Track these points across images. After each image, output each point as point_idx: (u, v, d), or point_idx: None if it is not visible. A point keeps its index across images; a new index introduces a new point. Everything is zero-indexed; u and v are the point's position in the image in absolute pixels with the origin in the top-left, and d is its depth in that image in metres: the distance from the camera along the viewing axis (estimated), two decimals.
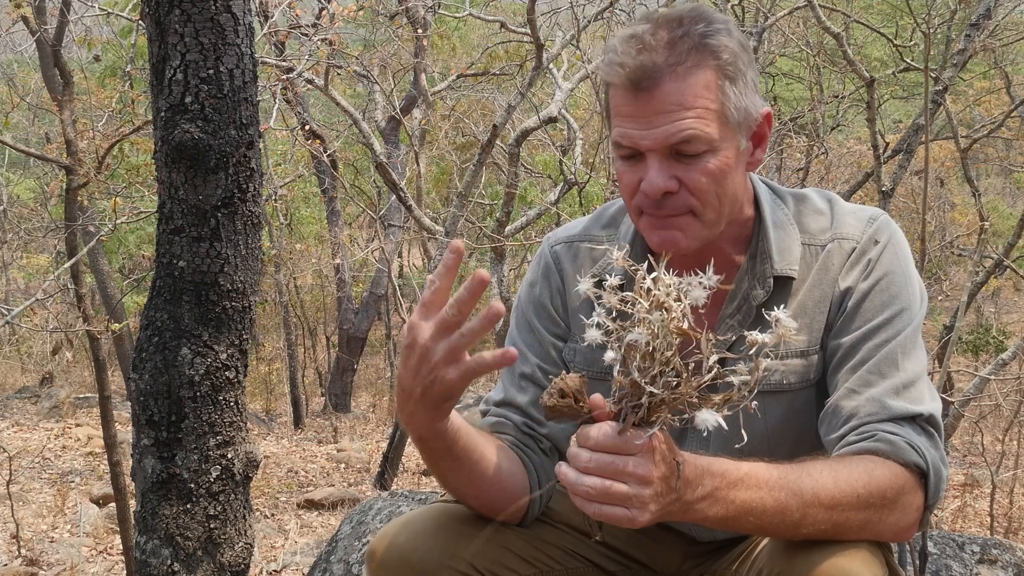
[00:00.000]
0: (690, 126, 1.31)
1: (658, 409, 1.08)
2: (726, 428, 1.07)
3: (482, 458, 1.37)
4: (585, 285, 1.16)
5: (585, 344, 1.11)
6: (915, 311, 1.38)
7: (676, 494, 1.12)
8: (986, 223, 4.28)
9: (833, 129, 11.96)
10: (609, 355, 1.11)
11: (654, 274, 1.09)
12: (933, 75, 5.15)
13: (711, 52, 1.32)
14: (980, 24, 5.59)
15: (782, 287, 1.43)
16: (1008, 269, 7.19)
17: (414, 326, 1.20)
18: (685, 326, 1.06)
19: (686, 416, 1.08)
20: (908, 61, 7.28)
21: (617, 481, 1.09)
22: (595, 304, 1.13)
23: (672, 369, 1.06)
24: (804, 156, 10.84)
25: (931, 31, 5.37)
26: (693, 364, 1.07)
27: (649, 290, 1.08)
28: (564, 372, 1.13)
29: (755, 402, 1.09)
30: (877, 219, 1.44)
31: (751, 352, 1.09)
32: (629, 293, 1.10)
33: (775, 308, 1.12)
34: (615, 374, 1.10)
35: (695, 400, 1.07)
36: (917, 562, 2.64)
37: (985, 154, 15.15)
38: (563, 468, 1.14)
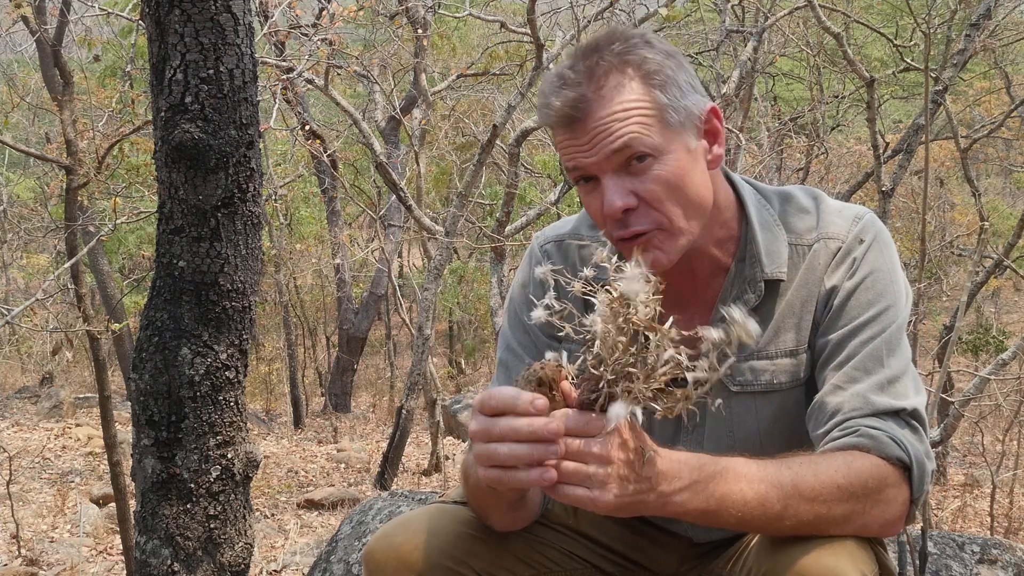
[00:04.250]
0: (627, 131, 1.31)
1: (618, 396, 1.09)
2: (640, 419, 1.10)
3: (522, 501, 1.39)
4: (541, 270, 1.19)
5: (571, 339, 1.12)
6: (900, 308, 1.39)
7: (649, 484, 1.14)
8: (986, 223, 4.28)
9: (833, 129, 11.96)
10: (550, 355, 1.13)
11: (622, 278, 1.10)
12: (933, 75, 5.15)
13: (632, 66, 1.34)
14: (980, 24, 5.60)
15: (771, 289, 1.44)
16: (1008, 269, 7.20)
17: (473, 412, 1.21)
18: (641, 318, 1.07)
19: (649, 405, 1.09)
20: (908, 61, 7.29)
21: (577, 461, 1.11)
22: (549, 287, 1.16)
23: (628, 359, 1.07)
24: (804, 156, 10.84)
25: (931, 31, 5.36)
26: (653, 357, 1.08)
27: (609, 283, 1.09)
28: (542, 360, 1.14)
29: (719, 400, 1.10)
30: (863, 218, 1.44)
31: (704, 349, 1.09)
32: (598, 293, 1.11)
33: (733, 305, 1.12)
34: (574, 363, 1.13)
35: (650, 393, 1.08)
36: (917, 562, 2.64)
37: (985, 154, 15.16)
38: None
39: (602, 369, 1.08)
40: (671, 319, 1.09)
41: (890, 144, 6.46)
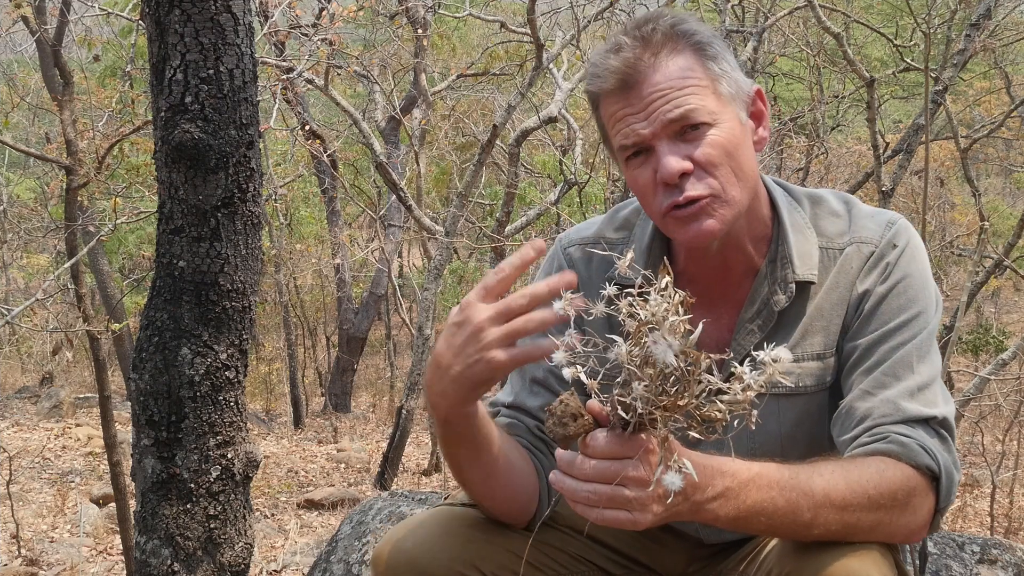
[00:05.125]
0: (685, 101, 1.32)
1: (652, 419, 1.07)
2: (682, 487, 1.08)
3: (500, 451, 1.36)
4: (560, 305, 1.14)
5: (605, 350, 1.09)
6: (931, 315, 1.38)
7: (683, 495, 1.12)
8: (986, 223, 4.28)
9: (833, 129, 11.96)
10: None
11: (660, 292, 1.07)
12: (933, 75, 5.15)
13: (684, 36, 1.36)
14: (980, 24, 5.60)
15: (800, 291, 1.42)
16: (1008, 269, 7.19)
17: (470, 305, 1.20)
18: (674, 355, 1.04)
19: (683, 427, 1.07)
20: (908, 61, 7.29)
21: (617, 485, 1.09)
22: (571, 324, 1.12)
23: (658, 387, 1.05)
24: (804, 156, 10.84)
25: (931, 31, 5.37)
26: (682, 382, 1.05)
27: (633, 305, 1.06)
28: (559, 399, 1.12)
29: (755, 413, 1.07)
30: (896, 223, 1.43)
31: (734, 383, 1.06)
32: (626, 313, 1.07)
33: (767, 344, 1.08)
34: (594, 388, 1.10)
35: (683, 417, 1.06)
36: (917, 562, 2.64)
37: (985, 154, 15.16)
38: (559, 477, 1.13)
39: (632, 398, 1.06)
40: (700, 326, 1.07)
41: (890, 144, 6.46)
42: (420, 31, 9.50)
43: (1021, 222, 6.40)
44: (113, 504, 5.48)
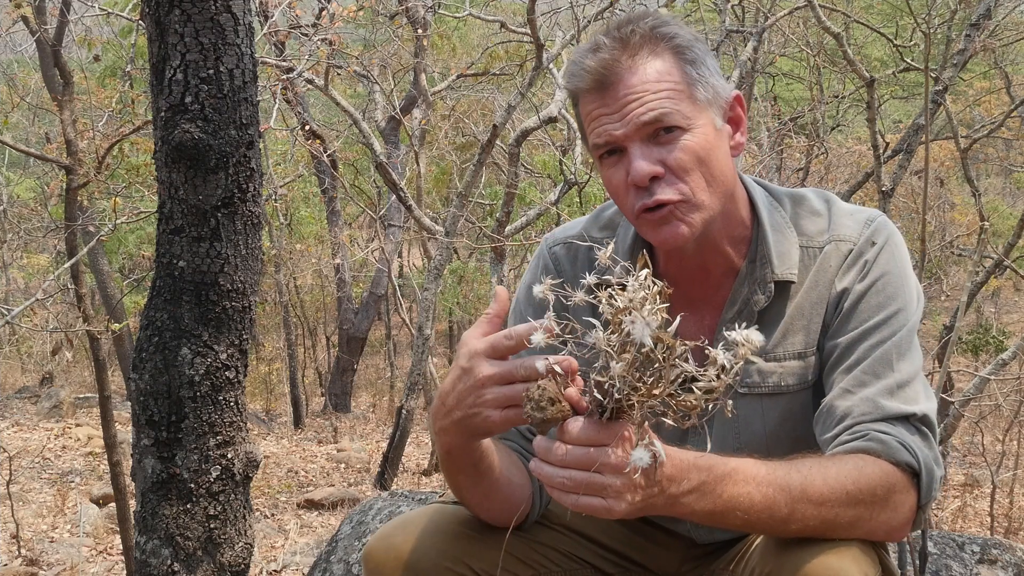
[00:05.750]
0: (659, 105, 1.33)
1: (629, 405, 1.08)
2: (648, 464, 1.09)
3: (500, 472, 1.38)
4: (539, 288, 1.16)
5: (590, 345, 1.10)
6: (911, 312, 1.38)
7: (659, 487, 1.13)
8: (986, 223, 4.27)
9: (833, 129, 11.96)
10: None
11: (637, 277, 1.08)
12: (933, 75, 5.14)
13: (664, 39, 1.36)
14: (980, 24, 5.59)
15: (781, 291, 1.43)
16: (1008, 269, 7.19)
17: (477, 356, 1.21)
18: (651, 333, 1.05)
19: (660, 418, 1.08)
20: (908, 61, 7.28)
21: (593, 472, 1.10)
22: (549, 307, 1.14)
23: (634, 373, 1.06)
24: (804, 156, 10.84)
25: (931, 31, 5.36)
26: (660, 371, 1.06)
27: (612, 296, 1.07)
28: (537, 384, 1.13)
29: (731, 402, 1.08)
30: (875, 220, 1.44)
31: (709, 369, 1.07)
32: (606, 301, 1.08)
33: (739, 325, 1.09)
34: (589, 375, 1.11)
35: (660, 404, 1.07)
36: (917, 562, 2.64)
37: (985, 154, 15.14)
38: (537, 464, 1.14)
39: (608, 384, 1.07)
40: (678, 318, 1.08)
41: (890, 144, 6.45)
42: (420, 31, 9.50)
43: (1021, 222, 6.39)
44: (113, 504, 5.49)
